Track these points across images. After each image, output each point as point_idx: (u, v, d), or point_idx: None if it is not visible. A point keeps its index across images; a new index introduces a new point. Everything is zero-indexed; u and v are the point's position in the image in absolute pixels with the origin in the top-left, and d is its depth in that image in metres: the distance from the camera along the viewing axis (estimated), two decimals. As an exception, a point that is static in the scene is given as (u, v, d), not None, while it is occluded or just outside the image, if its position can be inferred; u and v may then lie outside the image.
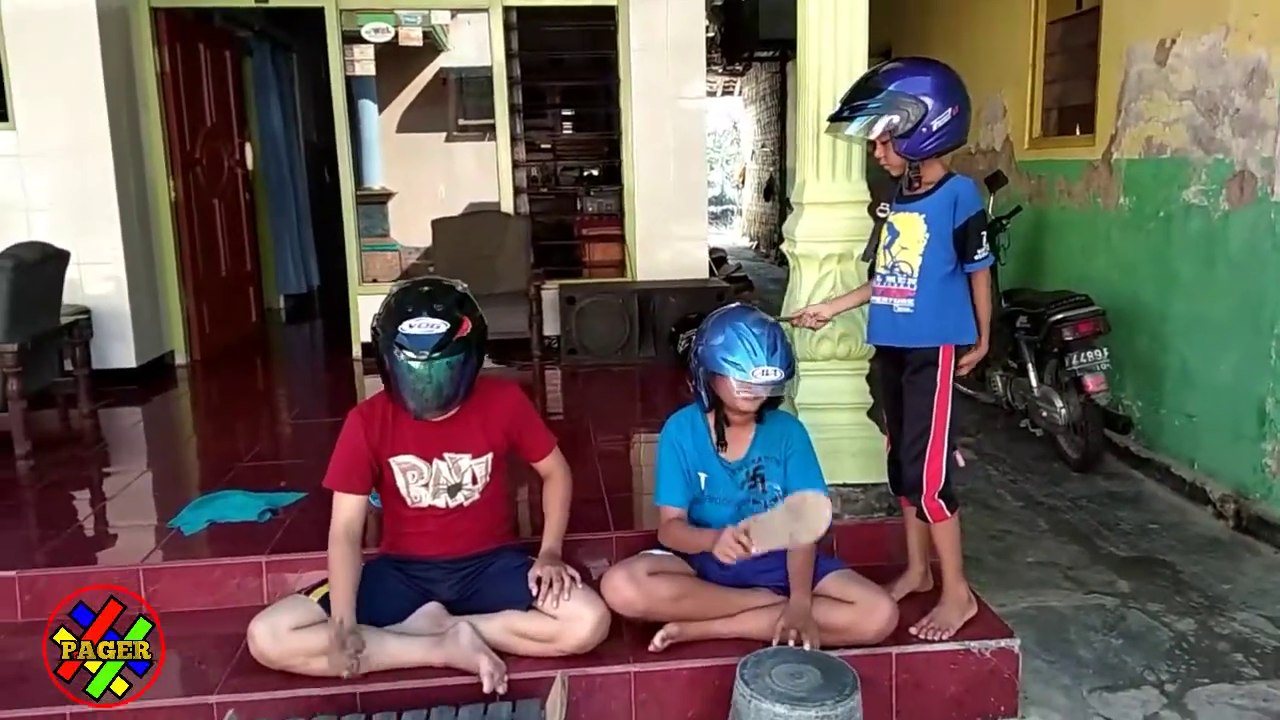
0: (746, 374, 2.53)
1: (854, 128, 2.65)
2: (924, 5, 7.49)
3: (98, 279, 5.31)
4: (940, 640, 2.67)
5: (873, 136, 2.64)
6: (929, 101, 2.53)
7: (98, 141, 5.27)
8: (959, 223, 2.59)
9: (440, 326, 2.43)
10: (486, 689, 2.37)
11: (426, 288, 2.54)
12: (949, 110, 2.54)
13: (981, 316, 2.70)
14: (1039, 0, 5.75)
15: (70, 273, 4.54)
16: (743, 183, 19.92)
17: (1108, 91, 4.97)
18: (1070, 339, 4.45)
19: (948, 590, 2.76)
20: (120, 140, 5.41)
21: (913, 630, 2.68)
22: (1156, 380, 4.63)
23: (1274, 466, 3.85)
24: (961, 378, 2.73)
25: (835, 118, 2.72)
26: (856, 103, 2.63)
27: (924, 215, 2.65)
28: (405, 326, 2.42)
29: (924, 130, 2.54)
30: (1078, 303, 4.57)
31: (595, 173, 8.07)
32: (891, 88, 2.56)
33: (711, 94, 18.47)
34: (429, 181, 8.80)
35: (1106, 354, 4.44)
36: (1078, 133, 5.43)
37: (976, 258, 2.62)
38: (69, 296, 4.65)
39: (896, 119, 2.55)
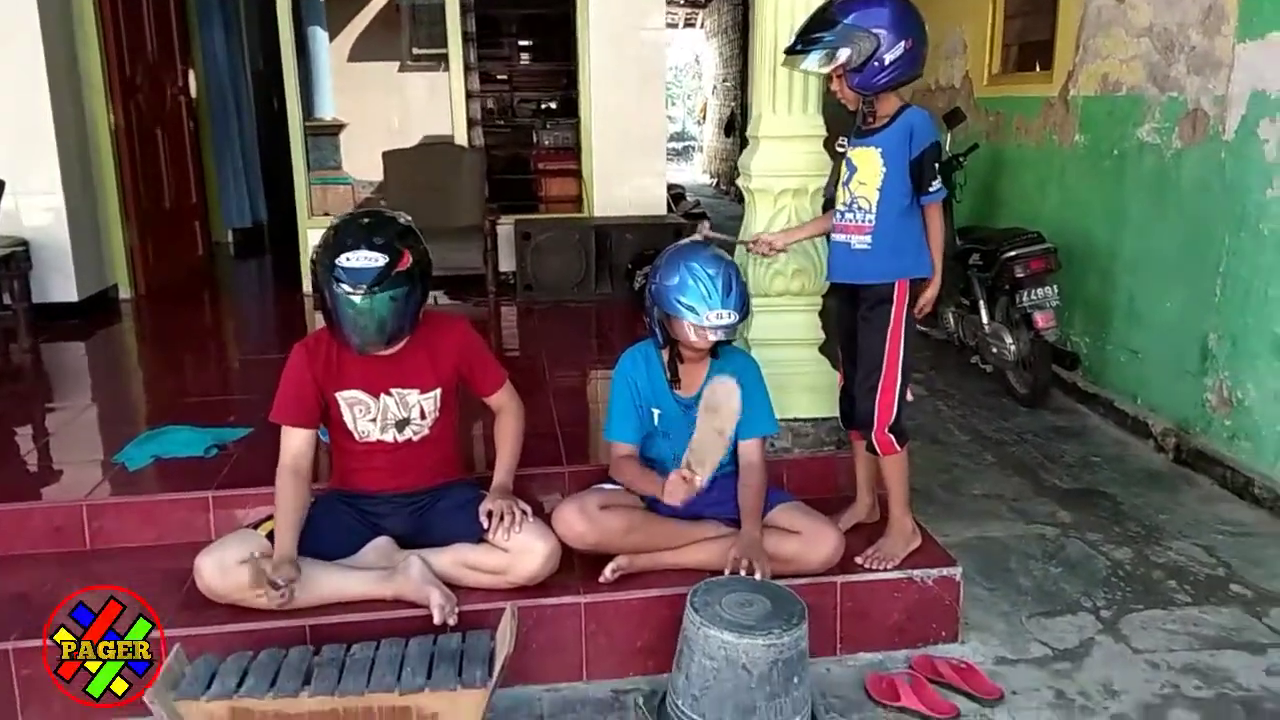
0: (700, 317, 2.52)
1: (809, 62, 2.62)
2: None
3: (35, 209, 5.14)
4: (884, 570, 2.72)
5: (826, 71, 2.61)
6: (882, 34, 2.50)
7: (31, 67, 5.06)
8: (915, 153, 2.58)
9: (378, 260, 2.38)
10: (437, 620, 2.38)
11: (366, 219, 2.49)
12: (902, 43, 2.51)
13: (935, 250, 2.70)
14: (1000, -68, 5.69)
15: (5, 203, 4.41)
16: (704, 118, 19.70)
17: (1067, 27, 4.95)
18: (1021, 276, 4.50)
19: (893, 522, 2.81)
20: (56, 65, 5.19)
21: (858, 560, 2.73)
22: (1104, 317, 4.70)
23: (1214, 401, 3.94)
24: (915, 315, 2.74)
25: (790, 50, 2.69)
26: (811, 36, 2.59)
27: (880, 149, 2.63)
28: (342, 259, 2.37)
29: (876, 64, 2.52)
30: (1029, 240, 4.61)
31: (552, 105, 7.94)
32: (846, 20, 2.52)
33: (673, 26, 18.16)
34: (381, 113, 8.59)
35: (1056, 291, 4.49)
36: (1037, 69, 5.41)
37: (931, 189, 2.61)
38: (5, 227, 4.52)
39: (850, 52, 2.52)
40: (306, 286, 6.01)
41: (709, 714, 2.20)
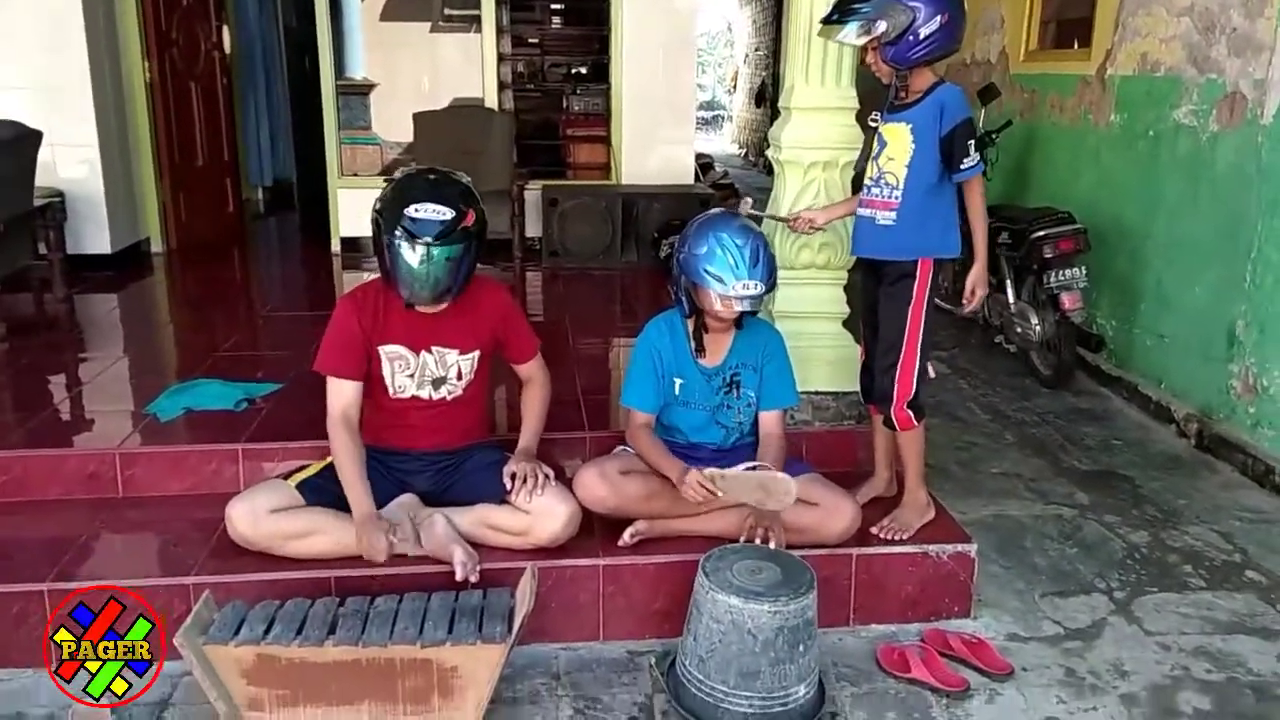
0: (727, 287, 2.53)
1: (845, 33, 2.61)
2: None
3: (71, 162, 5.21)
4: (899, 541, 2.76)
5: (862, 42, 2.60)
6: (919, 8, 2.49)
7: (70, 19, 5.10)
8: (945, 131, 2.58)
9: (446, 214, 2.43)
10: (459, 578, 2.43)
11: (433, 175, 2.54)
12: (939, 17, 2.50)
13: (975, 227, 2.68)
14: (1043, -94, 5.60)
15: (43, 154, 4.45)
16: (734, 88, 19.53)
17: (1107, 5, 4.88)
18: (1050, 256, 4.47)
19: (908, 494, 2.84)
20: (93, 17, 5.23)
21: (873, 530, 2.76)
22: (1132, 300, 4.67)
23: (1239, 388, 3.92)
24: (941, 294, 2.74)
25: (827, 20, 2.68)
26: (849, 6, 2.59)
27: (911, 125, 2.63)
28: (411, 210, 2.41)
29: (911, 38, 2.51)
30: (1059, 220, 4.57)
31: (583, 70, 7.89)
32: None
33: (706, -7, 17.96)
34: (412, 73, 8.57)
35: (1085, 272, 4.47)
36: (1075, 47, 5.34)
37: (964, 166, 2.60)
38: (42, 179, 4.56)
39: (886, 24, 2.51)
40: (335, 245, 6.07)
41: (714, 676, 2.24)
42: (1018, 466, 3.84)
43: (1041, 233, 4.51)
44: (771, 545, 2.46)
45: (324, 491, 2.57)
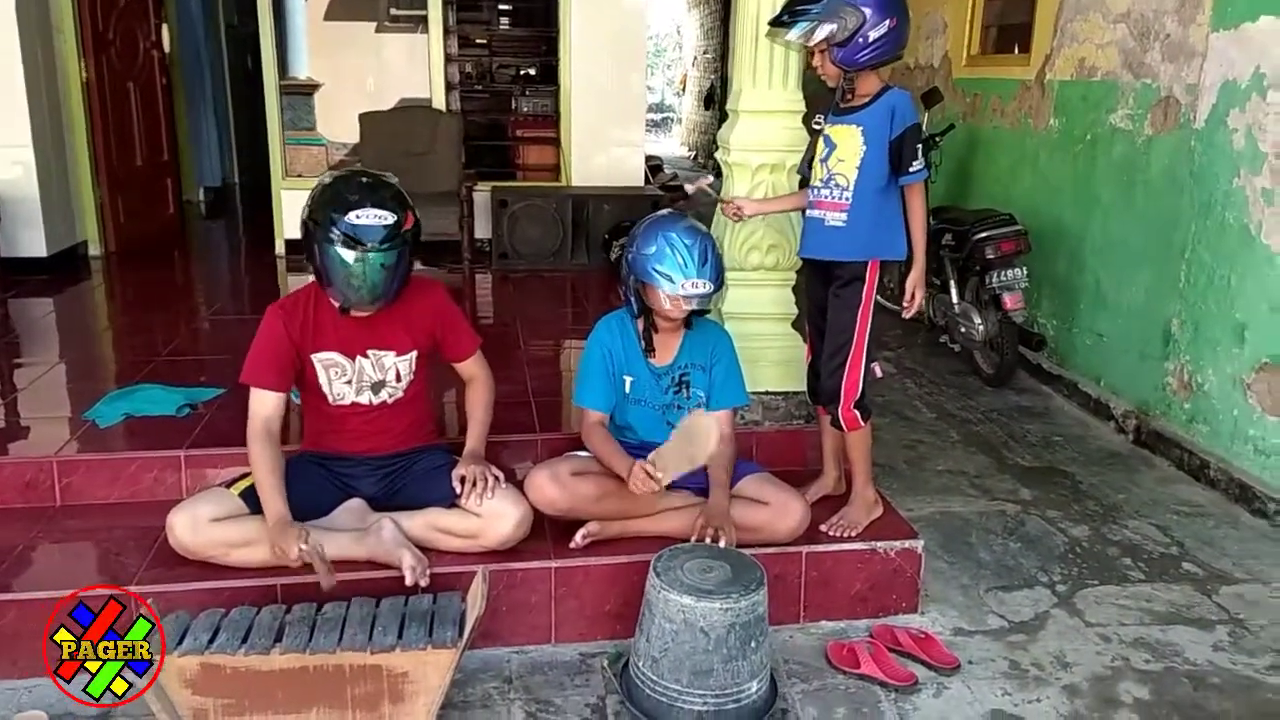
0: (676, 285, 2.55)
1: (793, 33, 2.64)
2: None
3: (4, 163, 5.07)
4: (848, 538, 2.79)
5: (811, 44, 2.63)
6: (867, 11, 2.53)
7: (2, 17, 4.96)
8: (895, 134, 2.62)
9: (388, 218, 2.39)
10: (409, 582, 2.41)
11: (366, 179, 2.49)
12: (886, 22, 2.54)
13: (916, 231, 2.74)
14: (984, -87, 5.71)
15: (-27, 155, 4.33)
16: (683, 90, 19.61)
17: (1046, 11, 4.99)
18: (992, 257, 4.55)
19: (856, 492, 2.88)
20: (26, 15, 5.09)
21: (823, 528, 2.79)
22: (1071, 300, 4.78)
23: (1175, 385, 4.03)
24: (885, 293, 2.78)
25: (775, 22, 2.70)
26: (797, 8, 2.61)
27: (862, 128, 2.66)
28: (353, 216, 2.36)
29: (860, 40, 2.55)
30: (1001, 221, 4.66)
31: (531, 72, 7.86)
32: None
33: (654, -4, 18.01)
34: (358, 73, 8.45)
35: (1026, 273, 4.56)
36: (1016, 52, 5.45)
37: (911, 170, 2.64)
38: (-27, 181, 4.44)
39: (834, 27, 2.54)
40: (279, 247, 5.98)
41: (667, 675, 2.25)
42: (962, 464, 3.91)
43: (984, 234, 4.59)
44: (722, 544, 2.47)
45: (268, 499, 2.52)
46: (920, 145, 2.67)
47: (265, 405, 2.53)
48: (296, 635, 2.19)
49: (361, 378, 2.62)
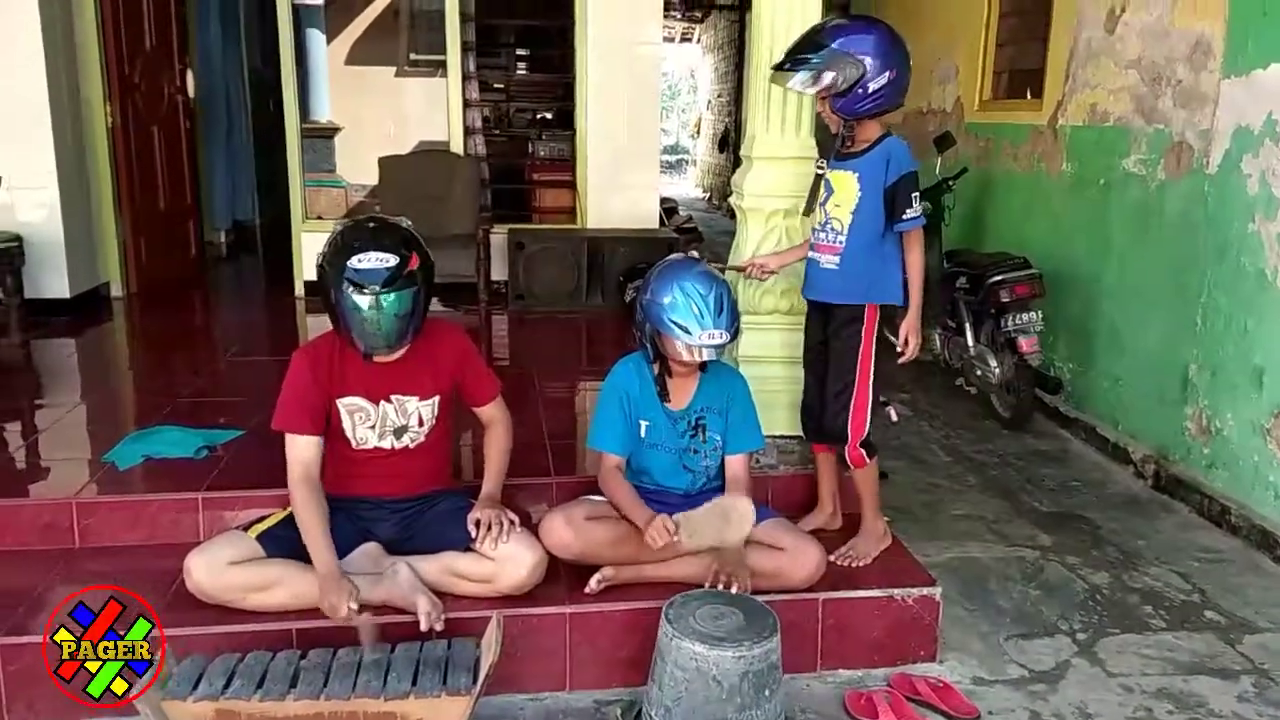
0: (693, 336, 2.56)
1: (794, 81, 2.69)
2: (883, -40, 7.47)
3: (30, 205, 5.14)
4: (858, 568, 2.81)
5: (811, 92, 2.68)
6: (868, 62, 2.58)
7: (30, 62, 5.07)
8: (890, 181, 2.65)
9: (389, 260, 2.42)
10: (424, 627, 2.40)
11: (372, 224, 2.54)
12: (887, 73, 2.59)
13: (912, 278, 2.75)
14: (996, -40, 5.78)
15: (1, 197, 4.39)
16: (698, 133, 19.78)
17: (1057, 57, 5.03)
18: (1007, 300, 4.56)
19: (866, 525, 2.91)
20: (54, 60, 5.21)
21: (833, 558, 2.80)
22: (1087, 343, 4.77)
23: (1194, 429, 4.00)
24: (892, 331, 2.80)
25: (778, 68, 2.75)
26: (799, 56, 2.66)
27: (858, 174, 2.71)
28: (354, 261, 2.41)
29: (860, 91, 2.60)
30: (1016, 265, 4.67)
31: (548, 116, 7.97)
32: (833, 45, 2.60)
33: (669, 40, 18.25)
34: (377, 117, 8.61)
35: (1041, 316, 4.56)
36: (1027, 97, 5.49)
37: (905, 217, 2.67)
38: (0, 221, 4.51)
39: (835, 76, 2.59)
40: (299, 289, 6.04)
41: (682, 725, 2.23)
42: (980, 508, 3.88)
43: (998, 277, 4.60)
44: (734, 590, 2.46)
45: (284, 542, 2.53)
46: (916, 193, 2.69)
47: (302, 450, 2.55)
48: (311, 681, 2.18)
49: (385, 422, 2.63)
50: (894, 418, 2.89)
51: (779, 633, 2.29)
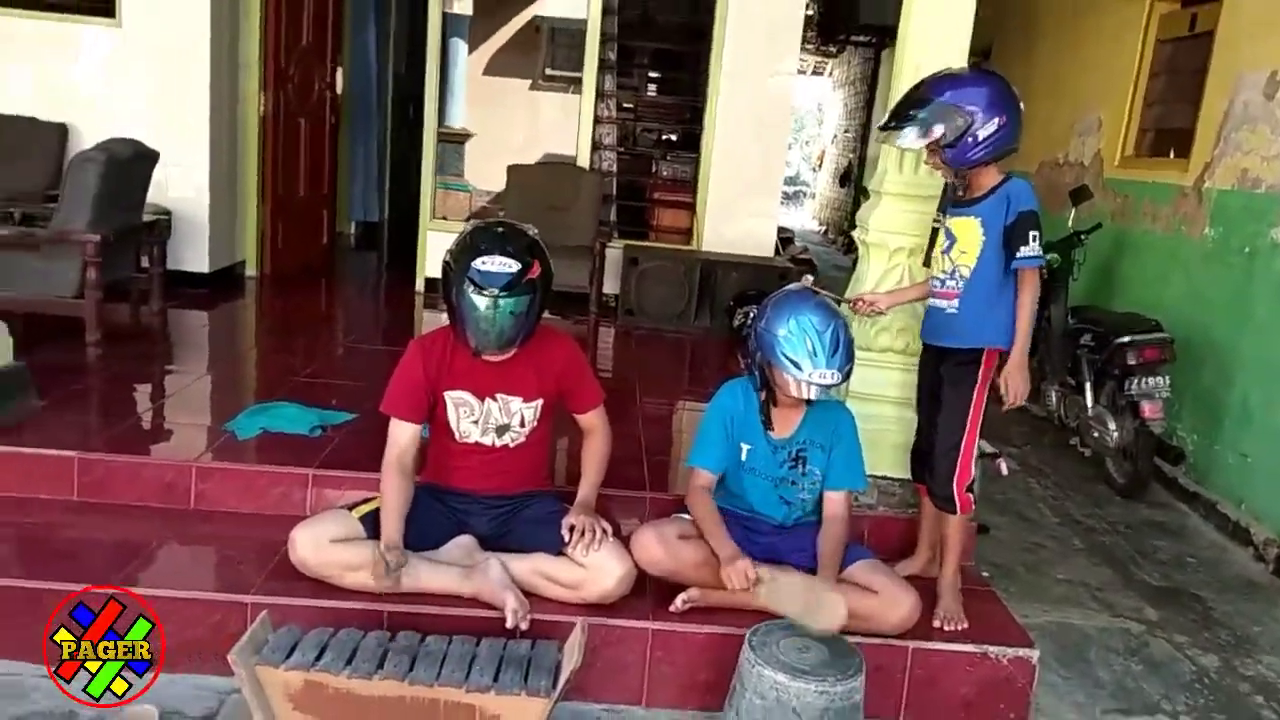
0: (804, 373, 2.53)
1: (902, 140, 2.67)
2: (1030, 10, 7.31)
3: (181, 183, 5.44)
4: (959, 628, 2.70)
5: (920, 146, 2.64)
6: (975, 111, 2.54)
7: (197, 48, 5.39)
8: (1009, 219, 2.59)
9: (512, 266, 2.48)
10: (509, 625, 2.44)
11: (501, 229, 2.60)
12: (996, 119, 2.54)
13: (1020, 319, 2.65)
14: (1151, 18, 5.60)
15: (156, 173, 4.66)
16: (820, 166, 19.67)
17: (1210, 118, 4.83)
18: (1133, 363, 4.38)
19: (946, 580, 2.79)
20: (219, 49, 5.52)
21: (935, 623, 2.71)
22: (1215, 416, 4.54)
23: (1325, 518, 3.77)
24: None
25: (884, 126, 2.72)
26: (905, 112, 2.63)
27: (981, 219, 2.66)
28: (479, 263, 2.48)
29: (970, 140, 2.56)
30: (1147, 327, 4.50)
31: (674, 138, 8.05)
32: (939, 98, 2.57)
33: (801, 73, 18.21)
34: (509, 127, 8.84)
35: (1168, 382, 4.37)
36: (1172, 156, 5.28)
37: (1020, 253, 2.59)
38: (153, 196, 4.77)
39: (943, 129, 2.55)
40: (420, 285, 6.22)
41: (758, 755, 2.20)
42: (1085, 574, 3.72)
43: (1127, 338, 4.43)
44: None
45: (385, 526, 2.60)
46: (1036, 232, 2.61)
47: (400, 437, 2.63)
48: (397, 664, 2.23)
49: (488, 419, 2.69)
50: (1004, 471, 2.80)
51: (864, 674, 2.24)
